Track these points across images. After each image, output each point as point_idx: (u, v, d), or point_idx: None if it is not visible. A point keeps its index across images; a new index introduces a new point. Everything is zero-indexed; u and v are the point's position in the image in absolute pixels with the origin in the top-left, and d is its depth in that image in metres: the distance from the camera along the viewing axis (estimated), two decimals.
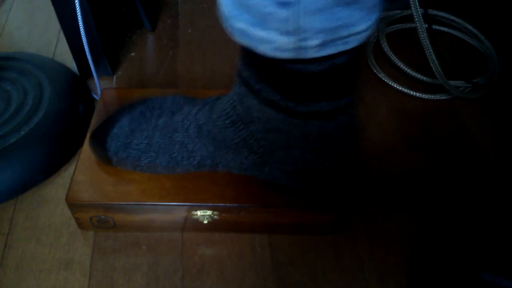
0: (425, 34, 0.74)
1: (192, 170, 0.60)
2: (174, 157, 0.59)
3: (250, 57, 0.48)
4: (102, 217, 0.61)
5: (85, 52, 0.71)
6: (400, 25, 0.97)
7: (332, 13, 0.41)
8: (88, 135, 0.65)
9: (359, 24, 0.43)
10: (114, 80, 0.86)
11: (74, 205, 0.60)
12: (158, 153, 0.59)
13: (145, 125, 0.61)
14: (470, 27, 0.95)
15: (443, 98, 0.83)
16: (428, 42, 0.75)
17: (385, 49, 0.90)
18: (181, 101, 0.65)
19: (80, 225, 0.63)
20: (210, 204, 0.59)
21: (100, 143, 0.61)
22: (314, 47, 0.43)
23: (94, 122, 0.67)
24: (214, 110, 0.56)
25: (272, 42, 0.43)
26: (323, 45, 0.43)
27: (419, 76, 0.86)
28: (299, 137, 0.51)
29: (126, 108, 0.65)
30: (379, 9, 0.45)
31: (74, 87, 0.79)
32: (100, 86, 0.79)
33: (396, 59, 0.88)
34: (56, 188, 0.69)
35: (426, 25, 0.74)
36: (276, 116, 0.50)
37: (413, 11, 0.70)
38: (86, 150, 0.64)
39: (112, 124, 0.63)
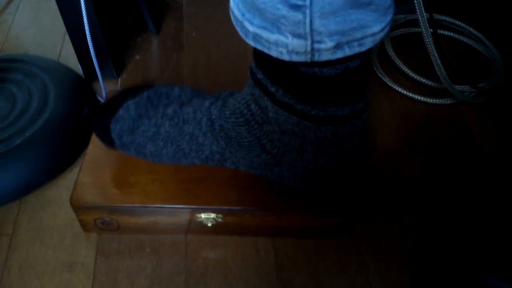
0: (430, 39, 0.74)
1: (198, 163, 0.59)
2: (182, 149, 0.58)
3: (264, 59, 0.48)
4: (106, 219, 0.61)
5: (90, 55, 0.71)
6: (405, 29, 0.97)
7: (346, 15, 0.40)
8: (92, 138, 0.65)
9: (373, 26, 0.42)
10: (119, 82, 0.86)
11: (78, 207, 0.60)
12: (166, 142, 0.58)
13: (153, 112, 0.60)
14: (475, 32, 0.95)
15: (448, 102, 0.83)
16: (433, 47, 0.75)
17: (390, 53, 0.90)
18: (189, 92, 0.63)
19: (84, 227, 0.63)
20: (214, 207, 0.59)
21: (103, 123, 0.61)
22: (328, 50, 0.42)
23: None
24: (227, 106, 0.55)
25: (286, 45, 0.43)
26: (337, 47, 0.42)
27: (423, 80, 0.86)
28: (314, 141, 0.51)
29: (132, 91, 0.64)
30: (393, 10, 0.44)
31: (79, 89, 0.79)
32: (105, 89, 0.79)
33: (401, 63, 0.88)
34: (60, 190, 0.69)
35: (431, 29, 0.74)
36: (291, 119, 0.50)
37: (418, 15, 0.70)
38: (91, 152, 0.64)
39: (118, 105, 0.61)
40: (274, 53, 0.44)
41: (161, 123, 0.59)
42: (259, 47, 0.45)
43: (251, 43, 0.46)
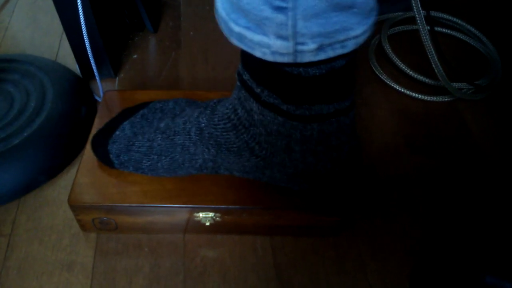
0: (427, 36, 0.74)
1: (194, 172, 0.60)
2: (176, 160, 0.59)
3: (249, 60, 0.49)
4: (105, 219, 0.61)
5: (87, 54, 0.71)
6: (402, 27, 0.97)
7: (328, 18, 0.41)
8: (90, 138, 0.65)
9: (356, 28, 0.43)
10: (117, 82, 0.86)
11: (76, 207, 0.60)
12: (160, 155, 0.59)
13: (147, 128, 0.62)
14: (472, 29, 0.95)
15: (446, 100, 0.83)
16: (430, 44, 0.75)
17: (387, 51, 0.90)
18: (183, 104, 0.65)
19: (83, 227, 0.63)
20: (212, 206, 0.59)
21: (102, 145, 0.62)
22: (311, 51, 0.43)
23: (96, 124, 0.68)
24: (215, 113, 0.56)
25: (269, 46, 0.43)
26: (320, 49, 0.43)
27: (421, 78, 0.86)
28: (300, 140, 0.51)
29: (127, 111, 0.66)
30: (376, 12, 0.45)
31: (77, 89, 0.79)
32: (103, 88, 0.79)
33: (398, 61, 0.88)
34: (58, 190, 0.69)
35: (428, 27, 0.74)
36: (277, 120, 0.50)
37: (415, 13, 0.70)
38: (89, 152, 0.64)
39: (114, 127, 0.63)
40: (257, 53, 0.45)
41: (154, 138, 0.60)
42: (243, 47, 0.46)
43: (235, 42, 0.46)
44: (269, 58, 0.44)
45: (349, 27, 0.42)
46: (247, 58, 0.48)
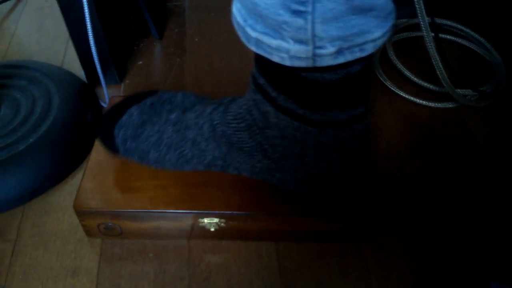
0: (431, 43, 0.74)
1: (201, 169, 0.60)
2: (185, 154, 0.58)
3: (265, 65, 0.48)
4: (110, 224, 0.61)
5: (93, 60, 0.72)
6: (406, 33, 0.97)
7: (347, 21, 0.41)
8: (95, 143, 0.65)
9: (374, 31, 0.43)
10: (122, 88, 0.87)
11: (81, 212, 0.60)
12: (169, 148, 0.59)
13: (156, 118, 0.60)
14: (476, 36, 0.95)
15: (450, 106, 0.83)
16: (434, 51, 0.75)
17: (392, 58, 0.90)
18: (192, 98, 0.63)
19: (88, 232, 0.64)
20: (217, 212, 0.59)
21: (108, 129, 0.61)
22: (330, 55, 0.43)
23: None
24: (228, 111, 0.56)
25: (288, 50, 0.43)
26: (338, 52, 0.43)
27: (425, 84, 0.86)
28: (314, 146, 0.51)
29: (133, 98, 0.64)
30: (395, 15, 0.45)
31: (82, 95, 0.80)
32: (108, 94, 0.80)
33: (403, 67, 0.88)
34: (64, 195, 0.69)
35: (433, 33, 0.74)
36: (292, 124, 0.50)
37: (420, 19, 0.70)
38: (94, 157, 0.64)
39: (121, 112, 0.62)
40: (275, 58, 0.45)
41: (164, 129, 0.59)
42: (260, 52, 0.46)
43: (253, 48, 0.46)
44: (287, 63, 0.44)
45: (368, 30, 0.42)
46: (263, 63, 0.48)
